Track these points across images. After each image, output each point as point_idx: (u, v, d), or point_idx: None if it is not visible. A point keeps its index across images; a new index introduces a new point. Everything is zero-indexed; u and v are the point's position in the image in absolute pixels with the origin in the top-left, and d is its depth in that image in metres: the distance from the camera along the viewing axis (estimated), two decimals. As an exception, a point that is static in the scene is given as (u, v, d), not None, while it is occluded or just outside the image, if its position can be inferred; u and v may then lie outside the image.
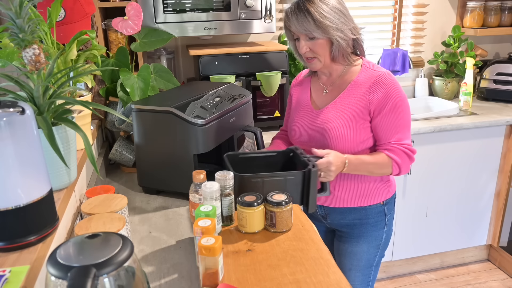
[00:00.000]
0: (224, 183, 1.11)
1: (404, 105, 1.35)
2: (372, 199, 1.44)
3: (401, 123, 1.35)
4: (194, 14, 1.92)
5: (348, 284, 0.94)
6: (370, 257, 1.51)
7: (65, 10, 1.45)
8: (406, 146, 1.35)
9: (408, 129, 1.38)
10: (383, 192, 1.45)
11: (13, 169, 0.78)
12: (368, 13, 2.69)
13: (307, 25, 1.29)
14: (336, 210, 1.46)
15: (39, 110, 0.97)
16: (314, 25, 1.29)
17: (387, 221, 1.48)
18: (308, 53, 1.35)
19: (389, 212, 1.48)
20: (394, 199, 1.51)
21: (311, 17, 1.28)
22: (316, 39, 1.32)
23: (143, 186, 1.52)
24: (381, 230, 1.48)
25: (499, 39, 2.91)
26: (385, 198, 1.46)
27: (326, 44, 1.33)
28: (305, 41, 1.34)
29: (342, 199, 1.43)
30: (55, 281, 0.64)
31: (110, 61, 1.77)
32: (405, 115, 1.36)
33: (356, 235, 1.48)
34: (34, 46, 0.93)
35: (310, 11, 1.28)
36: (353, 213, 1.45)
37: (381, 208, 1.46)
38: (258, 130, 1.58)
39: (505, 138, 2.40)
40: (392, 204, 1.50)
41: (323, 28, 1.29)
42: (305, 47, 1.34)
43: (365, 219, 1.46)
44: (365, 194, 1.43)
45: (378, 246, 1.50)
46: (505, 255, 2.57)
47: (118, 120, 1.68)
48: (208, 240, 0.89)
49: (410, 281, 2.53)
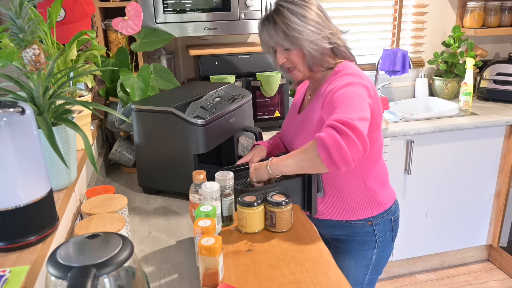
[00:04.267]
0: (224, 183, 1.11)
1: (350, 88, 1.19)
2: (354, 214, 1.37)
3: (341, 102, 1.16)
4: (194, 14, 1.92)
5: (348, 284, 0.94)
6: (359, 275, 1.44)
7: (65, 10, 1.46)
8: (335, 120, 1.08)
9: (350, 106, 1.14)
10: (367, 209, 1.36)
11: (13, 169, 0.78)
12: (368, 13, 2.68)
13: (276, 38, 1.27)
14: (323, 222, 1.41)
15: (39, 110, 0.97)
16: (283, 37, 1.26)
17: (378, 243, 1.40)
18: (286, 63, 1.33)
19: (382, 234, 1.39)
20: (390, 221, 1.41)
21: (279, 29, 1.26)
22: (291, 50, 1.29)
23: (143, 186, 1.52)
24: (371, 251, 1.40)
25: (499, 39, 2.91)
26: (370, 216, 1.37)
27: (301, 54, 1.29)
28: (281, 52, 1.31)
29: (323, 212, 1.38)
30: (55, 281, 0.64)
31: (110, 61, 1.77)
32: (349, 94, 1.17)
33: (343, 250, 1.43)
34: (34, 46, 0.93)
35: (277, 23, 1.25)
36: (339, 228, 1.40)
37: (369, 228, 1.38)
38: (258, 130, 1.59)
39: (505, 138, 2.40)
40: (386, 226, 1.40)
41: (292, 40, 1.25)
42: (282, 57, 1.31)
43: (351, 236, 1.40)
44: (345, 208, 1.36)
45: (367, 266, 1.43)
46: (505, 255, 2.57)
47: (118, 120, 1.68)
48: (208, 240, 0.89)
49: (410, 281, 2.53)
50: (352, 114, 1.10)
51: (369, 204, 1.37)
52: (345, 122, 1.06)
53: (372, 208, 1.37)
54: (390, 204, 1.41)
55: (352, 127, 1.06)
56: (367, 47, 2.76)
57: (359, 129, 1.06)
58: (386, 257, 1.45)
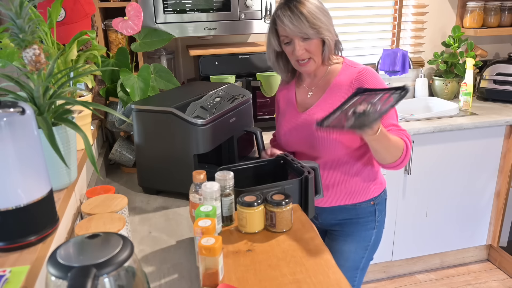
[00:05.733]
0: (224, 183, 1.11)
1: None
2: (360, 196, 1.44)
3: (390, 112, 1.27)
4: (194, 14, 1.92)
5: (348, 285, 0.95)
6: (357, 258, 1.51)
7: (65, 11, 1.46)
8: (407, 135, 1.32)
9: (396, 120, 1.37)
10: (371, 190, 1.45)
11: (13, 169, 0.78)
12: (368, 13, 2.69)
13: (303, 27, 1.29)
14: (327, 209, 1.47)
15: (39, 110, 0.97)
16: (309, 27, 1.29)
17: (377, 222, 1.48)
18: (304, 54, 1.35)
19: (380, 213, 1.48)
20: (385, 200, 1.51)
21: (305, 19, 1.29)
22: (311, 40, 1.32)
23: (143, 186, 1.52)
24: (371, 231, 1.48)
25: (499, 39, 2.91)
26: (374, 196, 1.46)
27: (319, 44, 1.34)
28: (299, 43, 1.33)
29: (330, 198, 1.44)
30: (55, 281, 0.64)
31: (110, 62, 1.77)
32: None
33: (345, 233, 1.49)
34: (34, 46, 0.93)
35: (303, 13, 1.29)
36: (343, 212, 1.46)
37: (371, 208, 1.46)
38: (258, 131, 1.58)
39: (505, 138, 2.40)
40: (382, 205, 1.50)
41: (317, 29, 1.30)
42: (301, 48, 1.33)
43: (355, 218, 1.46)
44: (352, 192, 1.43)
45: (366, 247, 1.50)
46: (505, 255, 2.57)
47: (118, 120, 1.68)
48: (208, 240, 0.89)
49: (410, 281, 2.54)
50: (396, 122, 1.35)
51: (373, 184, 1.45)
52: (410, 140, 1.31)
53: (375, 188, 1.46)
54: (385, 184, 1.52)
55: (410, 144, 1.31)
56: (367, 47, 2.76)
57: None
58: (380, 237, 1.54)
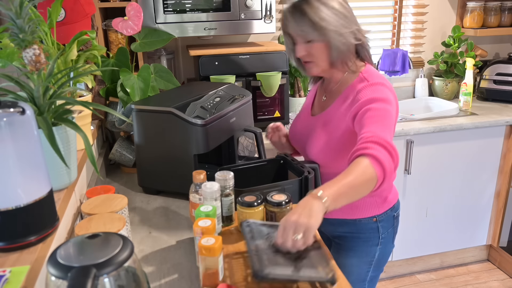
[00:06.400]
0: (224, 183, 1.11)
1: (385, 105, 1.19)
2: (361, 212, 1.37)
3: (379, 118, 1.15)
4: (194, 14, 1.92)
5: (348, 285, 0.94)
6: (361, 272, 1.44)
7: (65, 11, 1.46)
8: (384, 139, 1.08)
9: (389, 128, 1.16)
10: (373, 207, 1.37)
11: (13, 169, 0.78)
12: (368, 13, 2.69)
13: (304, 27, 1.23)
14: (327, 220, 1.37)
15: (39, 110, 0.97)
16: (311, 27, 1.22)
17: (381, 239, 1.40)
18: (305, 56, 1.28)
19: (385, 230, 1.40)
20: (393, 217, 1.42)
21: (307, 18, 1.21)
22: (314, 42, 1.25)
23: (143, 186, 1.52)
24: (374, 247, 1.40)
25: (499, 39, 2.91)
26: (376, 213, 1.37)
27: (324, 47, 1.25)
28: (302, 44, 1.27)
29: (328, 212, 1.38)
30: (55, 281, 0.64)
31: (110, 62, 1.77)
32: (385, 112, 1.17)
33: (346, 247, 1.42)
34: (34, 46, 0.93)
35: (307, 12, 1.21)
36: (344, 226, 1.40)
37: (374, 225, 1.38)
38: (258, 131, 1.58)
39: (505, 138, 2.40)
40: (389, 222, 1.41)
41: (320, 31, 1.22)
42: (302, 50, 1.27)
43: (356, 233, 1.39)
44: (352, 206, 1.35)
45: (370, 263, 1.43)
46: (505, 255, 2.57)
47: (118, 121, 1.68)
48: (208, 240, 0.89)
49: (410, 281, 2.54)
50: (387, 135, 1.10)
51: (377, 202, 1.38)
52: (394, 148, 1.08)
53: (378, 206, 1.38)
54: (394, 201, 1.43)
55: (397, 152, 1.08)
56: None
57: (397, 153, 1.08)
58: (387, 253, 1.45)
